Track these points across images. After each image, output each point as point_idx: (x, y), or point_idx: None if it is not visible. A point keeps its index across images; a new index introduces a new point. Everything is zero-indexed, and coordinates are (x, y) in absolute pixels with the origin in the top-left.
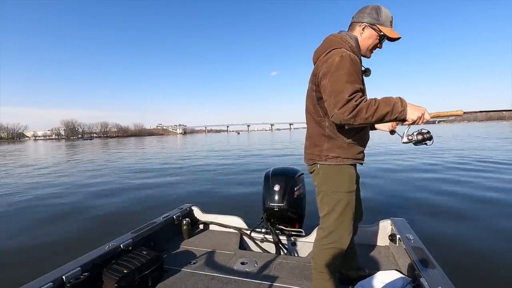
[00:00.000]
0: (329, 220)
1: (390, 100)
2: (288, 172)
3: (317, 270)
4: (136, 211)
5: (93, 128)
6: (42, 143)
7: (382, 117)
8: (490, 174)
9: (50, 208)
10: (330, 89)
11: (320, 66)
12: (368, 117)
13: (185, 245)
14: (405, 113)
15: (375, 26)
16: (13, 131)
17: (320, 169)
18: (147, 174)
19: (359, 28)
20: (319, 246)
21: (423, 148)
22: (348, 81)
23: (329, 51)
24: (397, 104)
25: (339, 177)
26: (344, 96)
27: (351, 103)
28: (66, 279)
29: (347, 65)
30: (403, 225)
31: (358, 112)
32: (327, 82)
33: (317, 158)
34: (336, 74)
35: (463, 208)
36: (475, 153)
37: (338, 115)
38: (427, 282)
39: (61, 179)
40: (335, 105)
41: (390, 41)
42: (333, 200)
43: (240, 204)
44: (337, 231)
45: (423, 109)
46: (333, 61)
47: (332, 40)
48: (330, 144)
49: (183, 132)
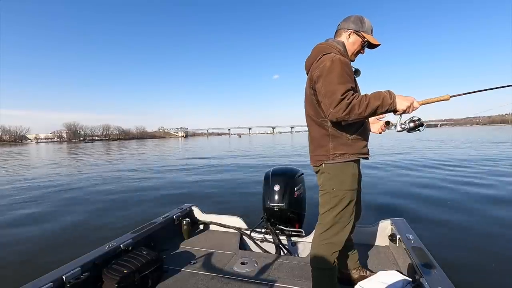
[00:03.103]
0: (329, 216)
1: (379, 94)
2: (288, 172)
3: (315, 267)
4: (136, 211)
5: (95, 130)
6: (44, 145)
7: (374, 110)
8: (490, 174)
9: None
10: (324, 91)
11: (314, 71)
12: (361, 112)
13: (185, 245)
14: (394, 104)
15: (359, 33)
16: (16, 133)
17: (325, 169)
18: (147, 174)
19: (345, 34)
20: (318, 242)
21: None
22: (340, 82)
23: (320, 57)
24: (386, 97)
25: (343, 175)
26: (337, 96)
27: (344, 102)
28: (66, 279)
29: (338, 68)
30: (403, 225)
31: (352, 109)
32: (321, 85)
33: (324, 158)
34: (329, 77)
35: (463, 208)
36: (475, 153)
37: (333, 113)
38: (427, 282)
39: (57, 177)
40: (330, 104)
41: (370, 48)
42: (335, 197)
43: (240, 204)
44: (335, 226)
45: (411, 98)
46: (324, 65)
47: (321, 48)
48: (335, 143)
49: (185, 135)
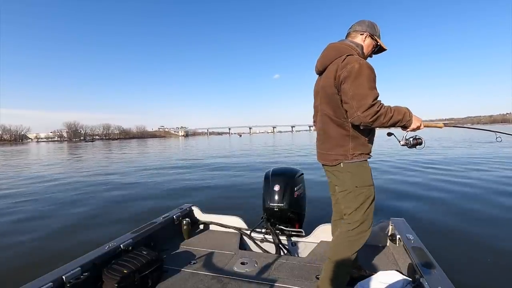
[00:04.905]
0: (358, 214)
1: (401, 110)
2: (288, 172)
3: (335, 261)
4: (136, 211)
5: (95, 130)
6: (44, 144)
7: (395, 123)
8: (490, 175)
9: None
10: (353, 93)
11: (340, 71)
12: (384, 122)
13: (185, 245)
14: (410, 122)
15: (374, 36)
16: (16, 133)
17: (345, 168)
18: (147, 174)
19: (362, 36)
20: (344, 237)
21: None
22: (370, 88)
23: (345, 58)
24: (407, 114)
25: (364, 173)
26: (368, 101)
27: (374, 109)
28: (66, 279)
29: (367, 72)
30: (403, 225)
31: (378, 117)
32: (349, 86)
33: (343, 158)
34: (358, 80)
35: (463, 208)
36: (475, 153)
37: (360, 117)
38: (427, 282)
39: (57, 175)
40: (358, 108)
41: (377, 53)
42: (361, 195)
43: (240, 204)
44: (364, 224)
45: (421, 120)
46: (353, 67)
47: (341, 48)
48: (355, 143)
49: (185, 135)
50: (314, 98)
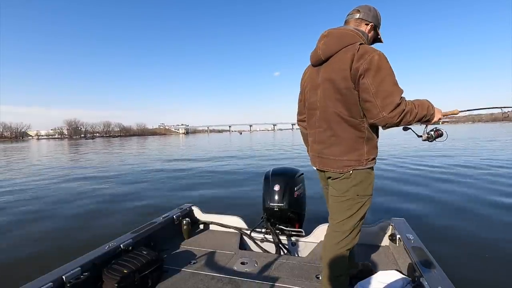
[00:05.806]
0: (350, 223)
1: (424, 104)
2: (288, 172)
3: (333, 276)
4: (136, 211)
5: (95, 127)
6: (45, 142)
7: (420, 120)
8: (491, 174)
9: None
10: (376, 90)
11: (358, 62)
12: (411, 120)
13: (185, 245)
14: (434, 116)
15: (377, 28)
16: (17, 130)
17: (353, 175)
18: (147, 174)
19: (367, 26)
20: (335, 250)
21: (432, 146)
22: (395, 83)
23: (359, 46)
24: (430, 108)
25: (367, 181)
26: (394, 99)
27: (401, 107)
28: (66, 279)
29: (388, 65)
30: (403, 225)
31: (405, 116)
32: (371, 81)
33: (356, 164)
34: (381, 74)
35: (463, 208)
36: (476, 153)
37: (386, 118)
38: (427, 282)
39: (53, 174)
40: (383, 107)
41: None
42: (358, 203)
43: (240, 204)
44: (353, 232)
45: (441, 111)
46: (373, 58)
47: (351, 35)
48: (369, 146)
49: (186, 132)
50: (305, 92)
